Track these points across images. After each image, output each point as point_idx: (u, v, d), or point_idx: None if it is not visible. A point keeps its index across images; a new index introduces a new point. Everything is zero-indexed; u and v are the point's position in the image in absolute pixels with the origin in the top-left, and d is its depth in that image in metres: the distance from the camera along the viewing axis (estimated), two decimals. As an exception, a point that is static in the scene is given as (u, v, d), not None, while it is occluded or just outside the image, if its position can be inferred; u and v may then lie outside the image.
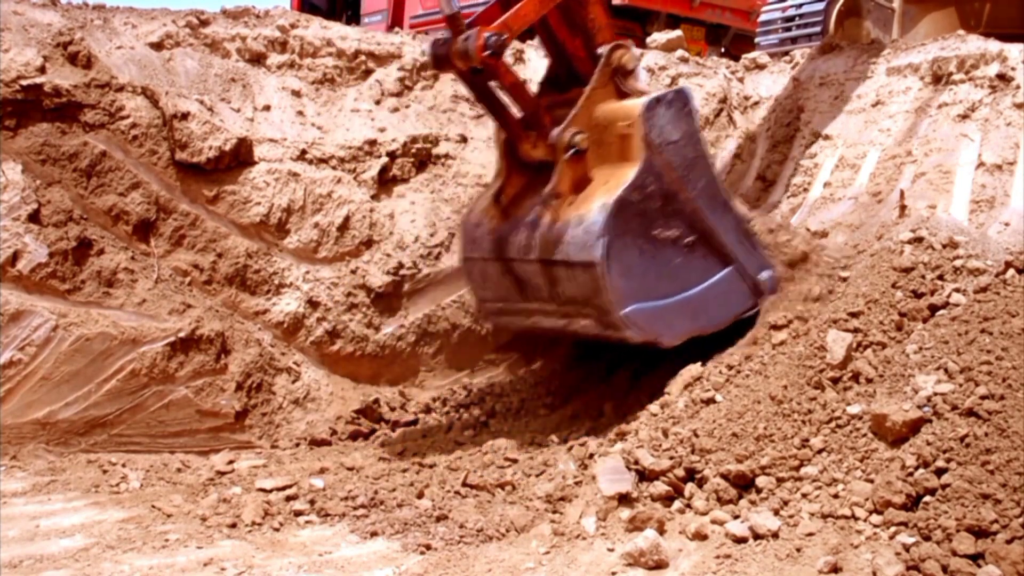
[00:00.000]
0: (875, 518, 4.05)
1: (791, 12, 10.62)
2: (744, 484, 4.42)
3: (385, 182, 7.07)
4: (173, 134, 6.38)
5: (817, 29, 10.21)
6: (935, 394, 4.32)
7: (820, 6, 10.24)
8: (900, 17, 8.98)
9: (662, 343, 5.34)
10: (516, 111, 5.54)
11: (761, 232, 5.76)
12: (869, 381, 4.65)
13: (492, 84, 5.49)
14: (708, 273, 5.47)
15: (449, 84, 7.61)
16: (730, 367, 5.16)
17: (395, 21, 16.71)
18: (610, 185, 5.17)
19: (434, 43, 5.41)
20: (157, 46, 6.88)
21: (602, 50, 5.33)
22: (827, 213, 6.83)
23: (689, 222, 5.38)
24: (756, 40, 11.19)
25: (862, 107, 7.36)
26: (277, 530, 4.57)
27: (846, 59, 7.75)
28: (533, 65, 8.15)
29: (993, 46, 6.93)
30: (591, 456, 4.95)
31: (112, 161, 6.20)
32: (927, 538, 3.84)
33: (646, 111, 5.18)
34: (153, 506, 4.82)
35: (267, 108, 6.94)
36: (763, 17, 11.20)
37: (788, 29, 10.60)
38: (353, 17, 17.20)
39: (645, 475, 4.60)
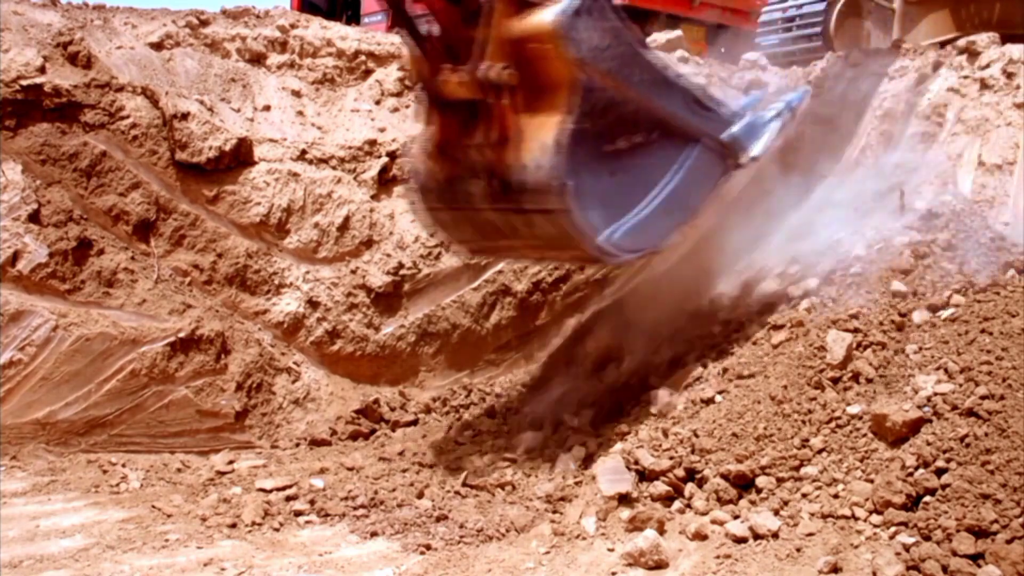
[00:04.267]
0: (875, 518, 4.05)
1: (791, 12, 10.62)
2: (744, 484, 4.42)
3: (385, 182, 7.07)
4: (173, 134, 6.38)
5: (817, 29, 10.20)
6: (935, 394, 4.32)
7: (820, 6, 10.23)
8: (900, 17, 8.96)
9: (658, 251, 5.40)
10: (437, 35, 4.98)
11: None
12: (869, 381, 4.64)
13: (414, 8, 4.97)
14: (673, 161, 5.32)
15: (449, 84, 7.60)
16: (730, 367, 5.15)
17: (395, 21, 16.67)
18: (552, 118, 4.75)
19: None
20: (157, 46, 6.88)
21: None
22: None
23: (640, 120, 5.14)
24: (756, 40, 11.18)
25: None
26: (277, 530, 4.57)
27: None
28: (533, 65, 8.14)
29: None
30: (591, 456, 4.94)
31: (112, 161, 6.20)
32: (927, 538, 3.84)
33: (563, 31, 4.67)
34: (153, 506, 4.81)
35: (267, 108, 6.94)
36: (763, 17, 11.19)
37: (788, 29, 10.59)
38: (353, 17, 17.18)
39: (645, 475, 4.60)
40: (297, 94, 7.14)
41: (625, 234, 5.05)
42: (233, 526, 4.56)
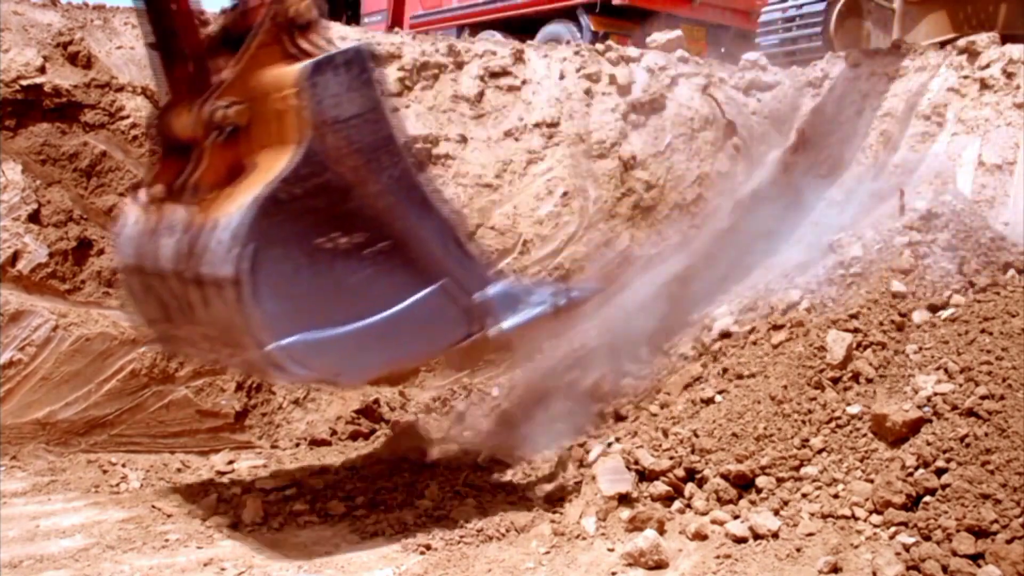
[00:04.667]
0: (875, 518, 4.05)
1: (791, 12, 10.62)
2: (744, 484, 4.42)
3: (385, 182, 7.06)
4: (173, 134, 6.37)
5: (817, 29, 10.20)
6: (935, 394, 4.32)
7: (820, 6, 10.23)
8: (900, 17, 8.96)
9: (340, 382, 4.36)
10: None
11: None
12: (869, 381, 4.64)
13: (176, 16, 4.25)
14: (403, 291, 4.29)
15: (449, 84, 7.61)
16: (730, 367, 5.15)
17: (395, 21, 16.71)
18: (262, 178, 3.99)
19: None
20: (157, 46, 6.86)
21: None
22: None
23: (375, 224, 4.19)
24: (756, 40, 11.19)
25: None
26: (277, 530, 4.57)
27: None
28: (533, 65, 8.15)
29: None
30: (591, 456, 4.94)
31: (112, 161, 6.20)
32: (927, 538, 3.84)
33: (309, 78, 3.95)
34: (153, 506, 4.81)
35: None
36: (763, 17, 11.20)
37: (788, 29, 10.60)
38: (353, 17, 17.20)
39: (645, 475, 4.60)
40: (297, 94, 7.13)
41: (309, 348, 4.04)
42: (233, 526, 4.56)
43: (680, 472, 4.54)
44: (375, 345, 4.24)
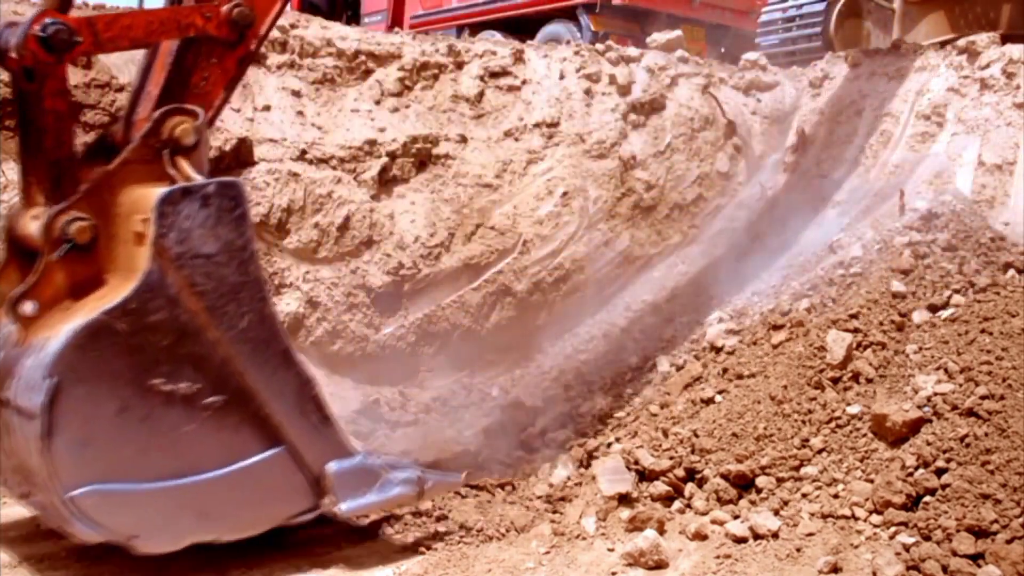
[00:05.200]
0: (875, 518, 4.05)
1: (791, 12, 10.63)
2: (744, 484, 4.42)
3: (385, 182, 7.07)
4: (173, 134, 6.37)
5: (817, 29, 10.21)
6: (935, 394, 4.32)
7: (820, 6, 10.24)
8: (900, 18, 8.96)
9: (135, 547, 3.64)
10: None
11: None
12: (869, 381, 4.65)
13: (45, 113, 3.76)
14: (239, 452, 3.78)
15: (449, 84, 7.61)
16: (730, 367, 5.15)
17: (395, 21, 16.72)
18: (100, 304, 3.58)
19: (6, 25, 3.78)
20: (157, 46, 6.87)
21: (155, 116, 3.76)
22: None
23: (217, 375, 3.71)
24: (756, 40, 11.20)
25: None
26: (277, 530, 4.56)
27: None
28: (533, 65, 8.15)
29: None
30: (591, 456, 4.94)
31: (112, 161, 6.20)
32: (927, 538, 3.84)
33: (163, 205, 3.55)
34: (153, 506, 4.80)
35: (267, 108, 6.94)
36: (763, 17, 11.21)
37: (788, 29, 10.61)
38: (353, 17, 17.20)
39: (645, 475, 4.60)
40: (297, 94, 7.13)
41: (103, 501, 3.51)
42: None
43: (680, 472, 4.55)
44: (190, 509, 3.68)
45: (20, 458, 3.63)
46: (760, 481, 4.38)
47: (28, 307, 3.59)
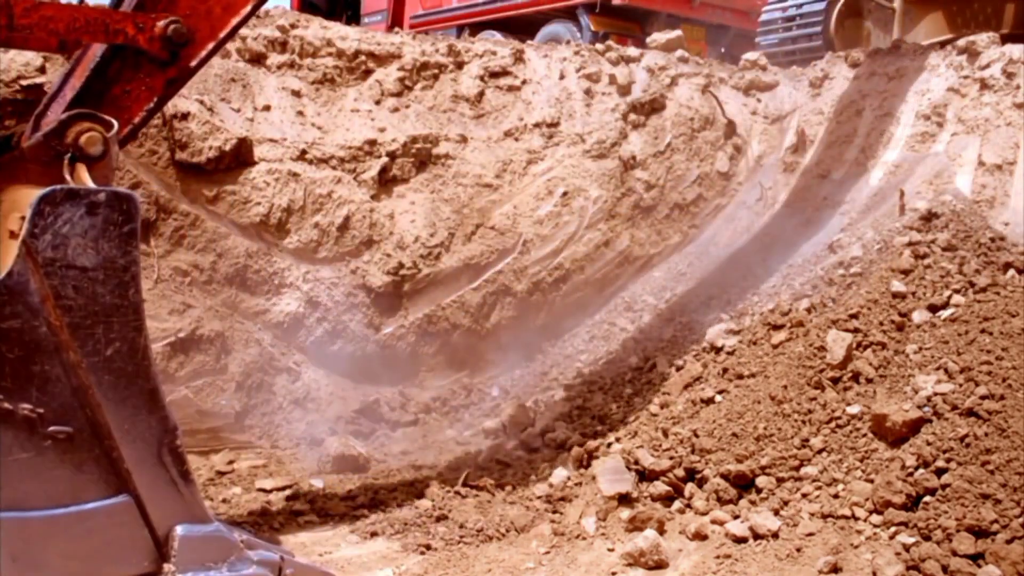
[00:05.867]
0: (875, 518, 4.05)
1: (791, 12, 10.63)
2: (744, 484, 4.42)
3: (385, 182, 7.07)
4: (173, 134, 6.38)
5: (817, 29, 10.20)
6: (935, 394, 4.32)
7: (820, 6, 10.24)
8: (900, 17, 8.96)
9: None
10: None
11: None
12: (869, 381, 4.64)
13: None
14: (77, 493, 3.27)
15: (449, 84, 7.61)
16: (730, 367, 5.15)
17: (395, 21, 16.72)
18: None
19: None
20: (157, 46, 6.87)
21: (59, 119, 3.43)
22: None
23: (69, 402, 3.25)
24: (756, 40, 11.20)
25: None
26: (277, 530, 4.57)
27: None
28: (533, 65, 8.15)
29: None
30: (591, 456, 4.94)
31: (112, 161, 6.20)
32: (927, 538, 3.84)
33: (42, 203, 3.15)
34: (153, 506, 4.80)
35: (267, 108, 6.94)
36: (763, 17, 11.21)
37: (788, 29, 10.61)
38: (353, 17, 17.21)
39: (645, 475, 4.60)
40: (297, 94, 7.13)
41: None
42: (233, 526, 4.55)
43: (680, 472, 4.54)
44: (6, 549, 3.14)
45: None
46: (760, 481, 4.38)
47: None
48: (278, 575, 3.59)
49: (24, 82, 6.01)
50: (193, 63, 3.67)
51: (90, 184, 3.30)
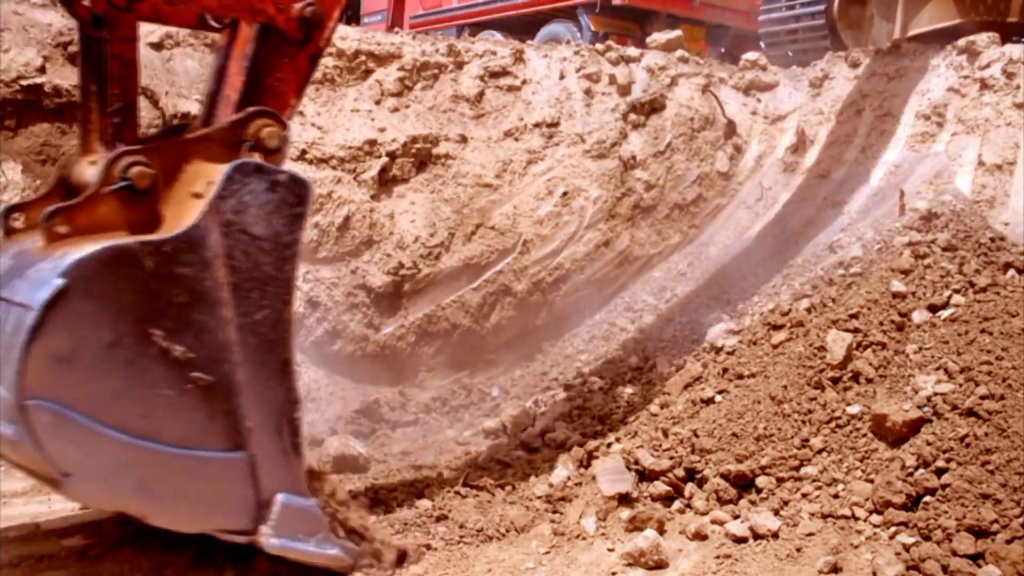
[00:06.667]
0: (875, 518, 4.05)
1: None
2: (744, 484, 4.42)
3: (385, 182, 7.08)
4: (173, 134, 6.38)
5: (820, 8, 10.17)
6: (935, 394, 4.32)
7: (823, -8, 10.21)
8: (904, 3, 8.91)
9: (66, 489, 3.35)
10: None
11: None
12: (869, 381, 4.64)
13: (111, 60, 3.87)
14: (203, 439, 3.52)
15: (449, 84, 7.61)
16: (730, 367, 5.15)
17: (395, 21, 16.73)
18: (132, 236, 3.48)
19: None
20: (157, 46, 6.88)
21: (245, 112, 3.82)
22: None
23: (215, 354, 3.52)
24: (759, 18, 11.16)
25: None
26: (277, 530, 4.56)
27: None
28: (533, 65, 8.15)
29: None
30: (591, 456, 4.94)
31: (112, 161, 6.20)
32: (927, 538, 3.84)
33: (235, 171, 3.55)
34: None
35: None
36: (765, 5, 11.18)
37: (792, 7, 10.57)
38: (353, 17, 17.21)
39: (645, 475, 4.60)
40: (297, 94, 7.13)
41: (62, 424, 3.22)
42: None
43: (680, 472, 4.54)
44: (133, 474, 3.37)
45: None
46: (760, 481, 4.38)
47: (61, 227, 3.45)
48: (353, 563, 3.87)
49: (24, 82, 6.02)
50: (323, 41, 4.04)
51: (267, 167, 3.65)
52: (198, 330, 3.48)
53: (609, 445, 4.96)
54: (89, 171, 3.73)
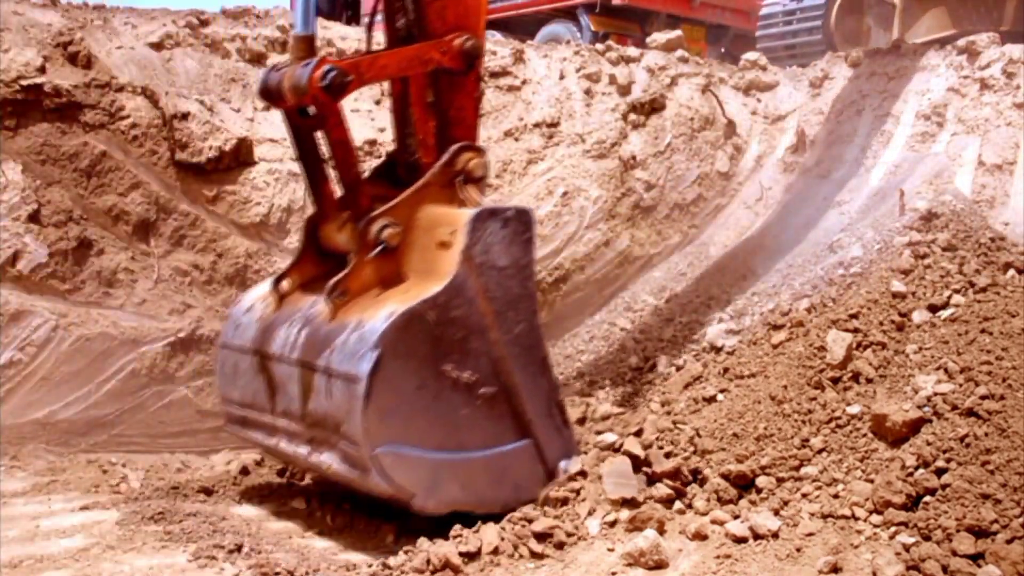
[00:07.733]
0: (875, 518, 4.05)
1: (791, 6, 10.62)
2: (744, 484, 4.41)
3: (385, 182, 7.08)
4: (173, 134, 6.38)
5: (818, 23, 10.20)
6: (935, 394, 4.32)
7: (820, 0, 10.23)
8: (901, 13, 8.94)
9: (415, 505, 4.20)
10: (336, 185, 4.71)
11: None
12: (869, 381, 4.64)
13: (320, 140, 4.64)
14: (498, 438, 4.43)
15: (449, 84, 7.61)
16: (730, 367, 5.15)
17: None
18: (409, 295, 4.26)
19: (270, 69, 4.66)
20: (157, 46, 6.88)
21: (450, 152, 4.53)
22: None
23: (492, 369, 4.37)
24: (757, 34, 11.20)
25: None
26: (277, 530, 4.57)
27: None
28: (533, 65, 8.15)
29: None
30: (592, 456, 4.93)
31: (112, 161, 6.20)
32: (927, 538, 3.83)
33: (475, 221, 4.29)
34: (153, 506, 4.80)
35: (267, 108, 6.94)
36: (764, 11, 11.21)
37: (789, 23, 10.60)
38: (353, 17, 17.20)
39: (649, 477, 4.59)
40: (297, 94, 7.13)
41: (402, 461, 4.13)
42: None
43: (684, 473, 4.54)
44: (457, 480, 4.30)
45: (323, 414, 4.25)
46: (760, 481, 4.38)
47: (342, 295, 4.30)
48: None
49: (24, 82, 6.02)
50: (482, 62, 4.78)
51: (478, 198, 4.49)
52: (476, 355, 4.31)
53: (610, 445, 4.96)
54: (339, 236, 4.59)
